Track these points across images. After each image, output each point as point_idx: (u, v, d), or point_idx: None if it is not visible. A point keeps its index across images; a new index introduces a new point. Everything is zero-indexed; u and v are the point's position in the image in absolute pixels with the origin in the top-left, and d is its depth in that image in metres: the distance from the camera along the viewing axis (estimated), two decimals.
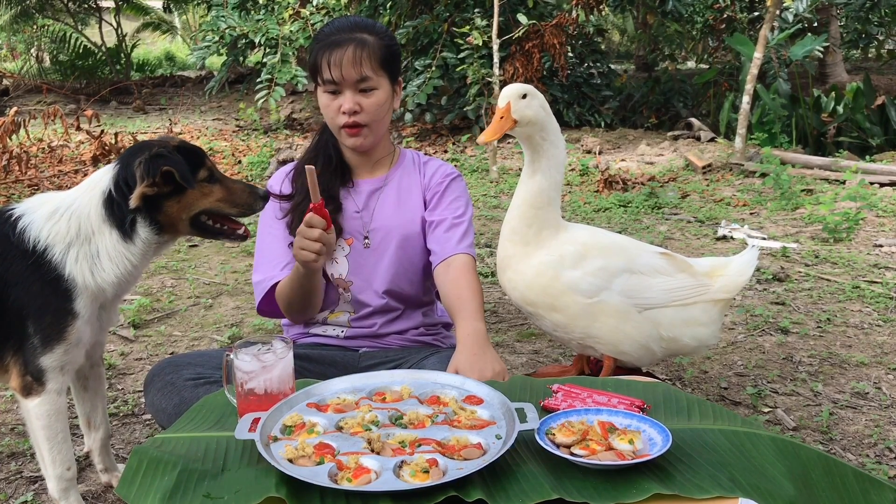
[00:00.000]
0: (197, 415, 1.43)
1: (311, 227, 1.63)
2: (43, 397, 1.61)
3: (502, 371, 1.60)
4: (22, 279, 1.56)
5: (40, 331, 1.57)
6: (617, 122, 8.45)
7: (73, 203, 1.60)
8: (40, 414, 1.62)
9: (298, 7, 8.01)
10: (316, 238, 1.63)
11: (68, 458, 1.68)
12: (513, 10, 7.57)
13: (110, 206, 1.57)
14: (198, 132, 8.66)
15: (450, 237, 1.88)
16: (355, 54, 1.78)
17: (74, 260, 1.57)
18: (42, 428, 1.63)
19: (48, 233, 1.57)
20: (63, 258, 1.57)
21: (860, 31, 11.07)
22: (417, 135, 8.19)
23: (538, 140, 1.76)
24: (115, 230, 1.58)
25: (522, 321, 3.19)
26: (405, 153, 2.03)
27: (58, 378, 1.62)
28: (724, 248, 4.17)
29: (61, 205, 1.60)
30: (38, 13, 13.59)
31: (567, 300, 1.77)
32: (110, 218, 1.58)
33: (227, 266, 4.00)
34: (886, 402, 2.42)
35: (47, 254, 1.56)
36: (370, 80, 1.81)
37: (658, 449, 1.18)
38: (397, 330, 1.95)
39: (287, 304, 1.87)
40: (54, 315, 1.58)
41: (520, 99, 1.73)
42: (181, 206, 1.60)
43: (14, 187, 5.62)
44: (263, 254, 1.94)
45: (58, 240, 1.57)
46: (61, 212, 1.59)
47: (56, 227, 1.57)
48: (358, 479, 1.12)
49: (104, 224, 1.58)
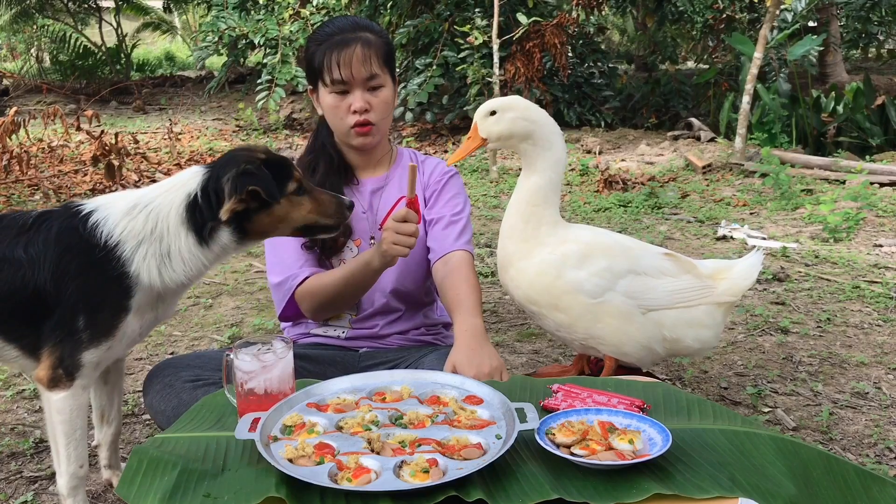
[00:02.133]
0: (197, 415, 1.43)
1: (406, 222, 1.62)
2: (69, 391, 1.60)
3: (500, 367, 1.60)
4: (85, 273, 1.56)
5: (92, 326, 1.56)
6: (617, 122, 8.44)
7: (154, 200, 1.59)
8: (63, 408, 1.61)
9: (298, 7, 8.01)
10: (412, 232, 1.63)
11: (82, 456, 1.67)
12: (513, 10, 7.56)
13: (193, 210, 1.57)
14: (198, 132, 8.66)
15: (448, 234, 1.88)
16: (364, 52, 1.78)
17: (143, 257, 1.56)
18: (62, 422, 1.62)
19: (123, 228, 1.56)
20: (132, 255, 1.56)
21: (860, 31, 11.06)
22: (417, 134, 8.19)
23: (526, 147, 1.77)
24: (192, 234, 1.57)
25: (523, 321, 3.19)
26: (402, 152, 2.03)
27: (90, 374, 1.61)
28: (724, 248, 4.17)
29: (140, 201, 1.59)
30: (38, 13, 13.57)
31: (570, 300, 1.77)
32: (189, 221, 1.57)
33: (227, 266, 3.99)
34: (886, 402, 2.42)
35: (117, 250, 1.55)
36: (378, 78, 1.81)
37: (658, 449, 1.18)
38: (398, 330, 1.96)
39: (327, 300, 1.84)
40: (110, 311, 1.57)
41: (487, 117, 1.76)
42: (272, 218, 1.61)
43: (14, 187, 5.62)
44: (278, 255, 1.91)
45: (131, 236, 1.56)
46: (140, 208, 1.58)
47: (132, 223, 1.57)
48: (358, 479, 1.12)
49: (181, 226, 1.57)
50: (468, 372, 1.53)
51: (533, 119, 1.78)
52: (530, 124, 1.77)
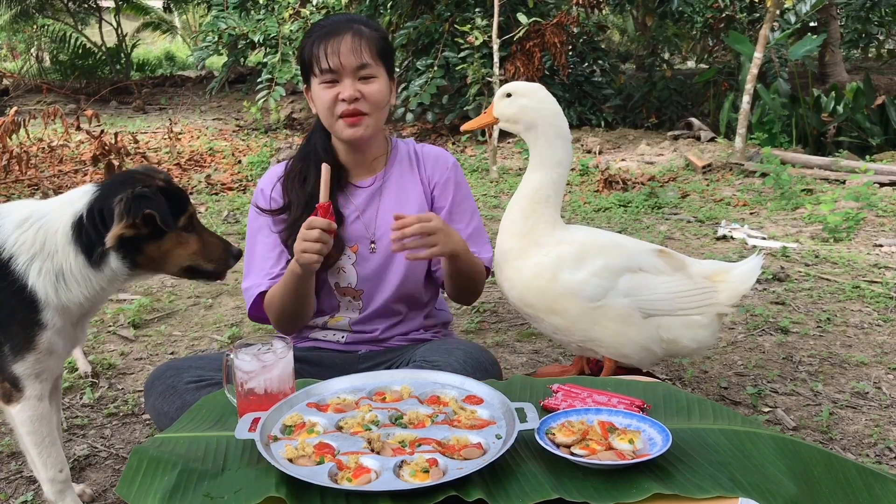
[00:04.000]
0: (197, 414, 1.43)
1: (311, 229, 1.59)
2: (23, 403, 1.60)
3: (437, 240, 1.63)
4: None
5: (9, 339, 1.55)
6: (617, 122, 8.45)
7: (46, 216, 1.56)
8: (24, 420, 1.61)
9: (298, 7, 8.01)
10: (316, 238, 1.59)
11: (59, 461, 1.67)
12: (513, 10, 7.56)
13: (79, 231, 1.53)
14: (198, 132, 8.66)
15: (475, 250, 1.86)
16: (354, 42, 1.75)
17: (37, 273, 1.53)
18: (27, 433, 1.63)
19: (14, 241, 1.53)
20: (26, 269, 1.53)
21: (860, 31, 11.06)
22: (417, 134, 8.19)
23: (531, 137, 1.80)
24: (81, 254, 1.54)
25: (523, 321, 3.19)
26: (398, 145, 1.96)
27: (35, 385, 1.60)
28: (724, 248, 4.17)
29: (34, 214, 1.56)
30: (38, 13, 13.58)
31: (566, 303, 1.76)
32: (77, 242, 1.53)
33: None
34: (886, 402, 2.42)
35: (11, 263, 1.53)
36: (370, 68, 1.77)
37: (658, 449, 1.18)
38: (399, 333, 1.93)
39: (279, 312, 1.81)
40: (21, 325, 1.55)
41: (503, 97, 1.82)
42: (160, 252, 1.57)
43: (14, 187, 5.62)
44: (253, 260, 1.89)
45: (23, 250, 1.53)
46: (31, 221, 1.55)
47: (23, 236, 1.53)
48: (358, 479, 1.12)
49: (69, 245, 1.53)
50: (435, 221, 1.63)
51: (542, 113, 1.79)
52: (537, 117, 1.78)
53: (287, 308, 1.80)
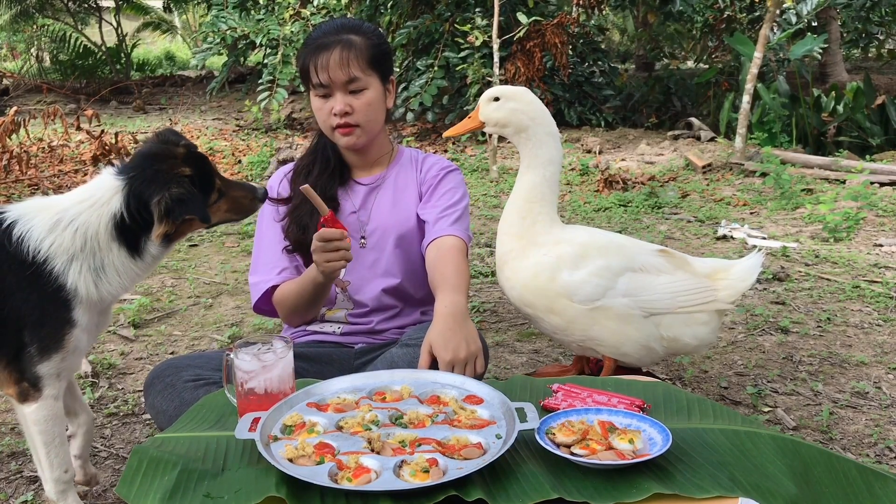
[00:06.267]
0: (197, 414, 1.43)
1: (328, 241, 1.63)
2: (40, 403, 1.60)
3: (476, 351, 1.55)
4: (19, 289, 1.55)
5: (38, 340, 1.56)
6: (617, 122, 8.45)
7: (78, 217, 1.58)
8: (38, 419, 1.62)
9: (299, 7, 8.00)
10: (337, 248, 1.64)
11: (66, 461, 1.68)
12: (513, 10, 7.56)
13: (121, 228, 1.57)
14: (198, 132, 8.66)
15: (441, 223, 1.88)
16: (342, 56, 1.80)
17: (77, 272, 1.56)
18: (39, 433, 1.63)
19: (50, 244, 1.55)
20: (65, 270, 1.56)
21: (860, 31, 11.06)
22: (418, 134, 8.18)
23: (521, 139, 1.81)
24: (125, 248, 1.59)
25: (523, 321, 3.19)
26: (403, 151, 2.05)
27: (55, 384, 1.61)
28: (724, 247, 4.17)
29: (63, 216, 1.58)
30: (38, 13, 13.58)
31: (565, 303, 1.77)
32: (120, 238, 1.58)
33: (228, 265, 3.99)
34: (886, 402, 2.42)
35: (47, 265, 1.55)
36: (359, 81, 1.82)
37: (658, 448, 1.18)
38: (395, 326, 1.97)
39: (291, 309, 1.88)
40: (53, 325, 1.57)
41: (489, 102, 1.82)
42: (195, 227, 1.67)
43: (14, 187, 5.62)
44: (261, 255, 1.96)
45: (60, 252, 1.55)
46: (64, 224, 1.57)
47: (59, 238, 1.56)
48: (358, 479, 1.12)
49: (112, 242, 1.58)
50: (444, 355, 1.52)
51: (531, 115, 1.80)
52: (528, 119, 1.79)
53: (300, 307, 1.87)
